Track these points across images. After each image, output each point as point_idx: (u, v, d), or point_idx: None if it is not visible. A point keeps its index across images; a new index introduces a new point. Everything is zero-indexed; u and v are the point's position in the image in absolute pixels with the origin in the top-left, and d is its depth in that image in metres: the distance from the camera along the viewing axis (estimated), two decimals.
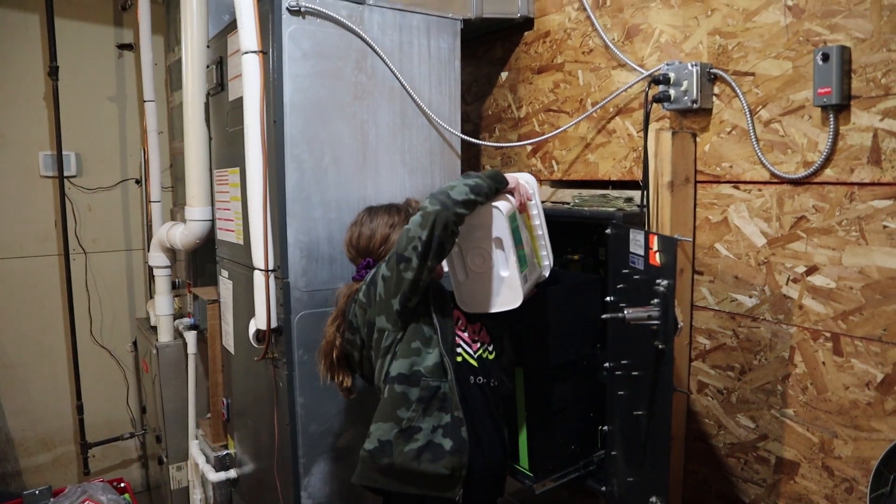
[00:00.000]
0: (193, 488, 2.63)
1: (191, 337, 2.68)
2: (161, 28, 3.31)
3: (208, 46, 2.33)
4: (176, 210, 3.10)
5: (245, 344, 2.17)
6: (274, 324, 1.85)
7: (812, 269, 1.59)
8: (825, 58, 1.49)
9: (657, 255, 1.45)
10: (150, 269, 2.90)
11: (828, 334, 1.57)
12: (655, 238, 1.45)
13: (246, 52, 1.72)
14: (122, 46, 3.43)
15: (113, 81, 3.45)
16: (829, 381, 1.58)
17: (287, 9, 1.76)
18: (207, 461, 2.48)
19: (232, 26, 2.06)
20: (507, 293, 1.57)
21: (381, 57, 1.94)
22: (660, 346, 1.41)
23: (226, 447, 2.49)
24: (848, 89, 1.49)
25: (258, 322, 1.85)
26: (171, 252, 2.79)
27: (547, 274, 1.73)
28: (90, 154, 3.44)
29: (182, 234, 2.52)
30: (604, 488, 1.86)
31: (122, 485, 2.67)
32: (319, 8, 1.81)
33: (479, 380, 1.62)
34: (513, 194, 1.65)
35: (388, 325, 1.54)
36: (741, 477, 1.80)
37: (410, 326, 1.55)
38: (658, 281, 1.40)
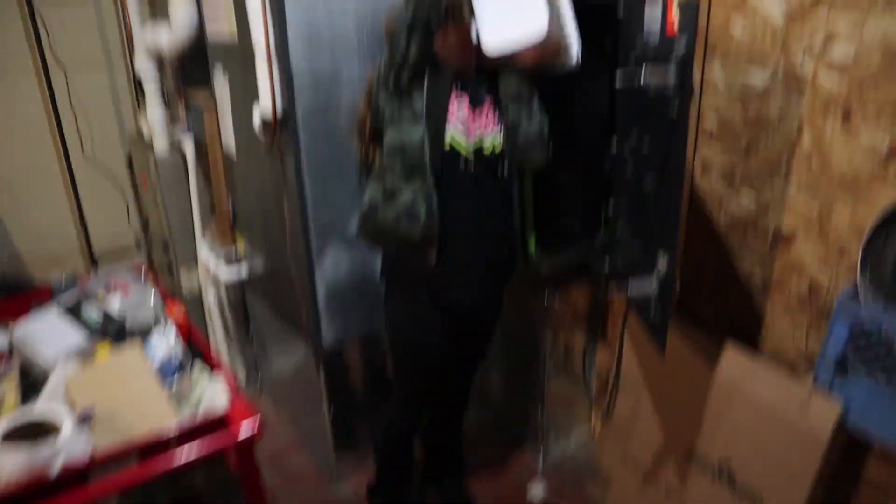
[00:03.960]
0: (206, 291, 2.74)
1: (188, 144, 2.64)
2: None
3: None
4: (156, 19, 2.90)
5: (247, 142, 2.16)
6: (279, 113, 1.82)
7: (830, 39, 1.55)
8: None
9: (675, 23, 1.40)
10: (137, 82, 2.79)
11: (839, 106, 1.57)
12: (675, 5, 1.39)
13: None
14: None
15: None
16: (835, 153, 1.61)
17: None
18: (217, 262, 2.56)
19: None
20: (530, 19, 1.52)
21: None
22: (675, 109, 1.40)
23: (234, 247, 2.55)
24: None
25: (263, 110, 1.82)
26: (159, 60, 2.67)
27: (573, 61, 1.67)
28: None
29: (168, 36, 2.39)
30: (606, 264, 1.95)
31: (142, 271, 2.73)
32: None
33: (470, 167, 1.68)
34: None
35: (386, 101, 1.65)
36: (739, 251, 1.89)
37: (405, 101, 1.63)
38: (675, 48, 1.37)
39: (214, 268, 2.52)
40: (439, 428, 2.25)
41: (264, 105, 1.81)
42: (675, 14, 1.41)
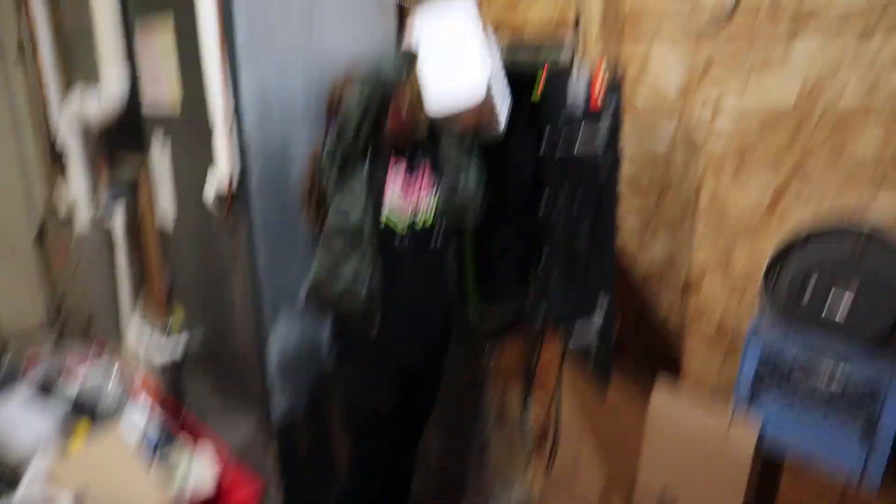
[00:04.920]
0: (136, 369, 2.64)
1: (117, 216, 2.60)
2: None
3: None
4: (74, 83, 2.85)
5: (191, 211, 2.18)
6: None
7: (719, 105, 1.84)
8: None
9: (599, 98, 1.63)
10: (55, 152, 2.72)
11: (731, 162, 1.85)
12: (599, 83, 1.62)
13: None
14: None
15: None
16: (731, 203, 1.88)
17: None
18: (150, 338, 2.50)
19: None
20: (470, 84, 1.71)
21: None
22: (605, 176, 1.61)
23: (168, 322, 2.51)
24: None
25: (220, 181, 1.86)
26: (84, 131, 2.63)
27: (502, 126, 1.86)
28: None
29: (97, 104, 2.38)
30: (542, 315, 2.13)
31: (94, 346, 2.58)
32: None
33: (406, 240, 1.82)
34: None
35: (329, 182, 1.77)
36: (655, 296, 2.12)
37: (348, 177, 1.75)
38: (602, 120, 1.59)
39: (147, 346, 2.46)
40: (390, 497, 2.28)
41: (221, 176, 1.86)
42: (598, 90, 1.63)
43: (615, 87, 1.56)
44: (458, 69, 1.72)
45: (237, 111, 1.83)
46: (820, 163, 1.69)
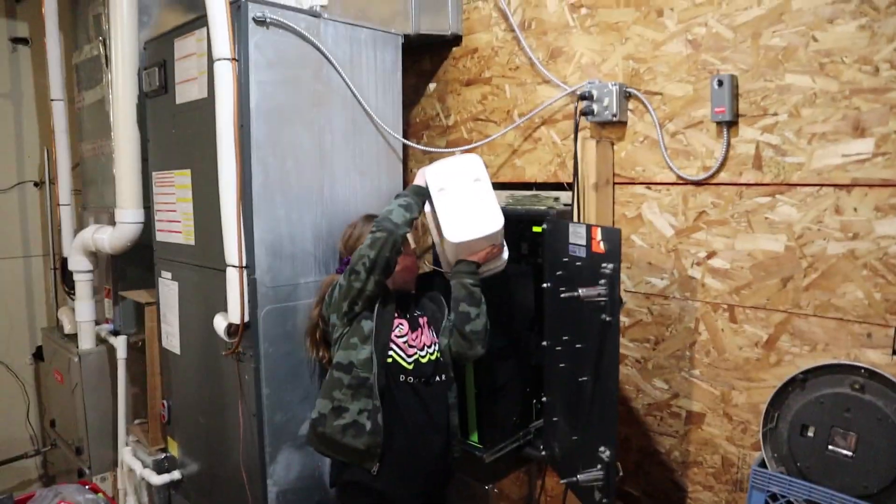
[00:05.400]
0: (126, 497, 2.58)
1: (121, 342, 2.63)
2: (62, 24, 3.17)
3: (145, 48, 2.33)
4: (87, 213, 2.98)
5: (197, 343, 2.21)
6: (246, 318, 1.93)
7: (711, 254, 1.95)
8: (720, 83, 1.84)
9: (601, 243, 1.72)
10: (63, 274, 2.80)
11: (725, 306, 1.94)
12: (599, 230, 1.73)
13: (219, 59, 1.79)
14: (15, 40, 3.23)
15: (6, 77, 3.24)
16: (727, 344, 1.95)
17: (253, 19, 1.86)
18: (145, 466, 2.45)
19: (179, 30, 2.11)
20: (489, 215, 1.85)
21: (335, 67, 2.08)
22: (607, 319, 1.68)
23: (165, 450, 2.48)
24: (736, 109, 1.86)
25: (231, 317, 1.92)
26: (94, 256, 2.71)
27: (505, 263, 1.96)
28: None
29: (111, 237, 2.47)
30: (543, 452, 2.12)
31: (88, 486, 2.53)
32: (281, 19, 1.93)
33: (410, 379, 1.86)
34: None
35: (337, 322, 1.84)
36: (657, 431, 2.14)
37: (354, 324, 1.81)
38: (604, 265, 1.67)
39: (142, 471, 2.41)
40: None
41: (233, 311, 1.91)
42: (598, 236, 1.73)
43: (614, 230, 1.66)
44: (473, 202, 1.86)
45: (250, 252, 1.92)
46: (811, 306, 1.78)
